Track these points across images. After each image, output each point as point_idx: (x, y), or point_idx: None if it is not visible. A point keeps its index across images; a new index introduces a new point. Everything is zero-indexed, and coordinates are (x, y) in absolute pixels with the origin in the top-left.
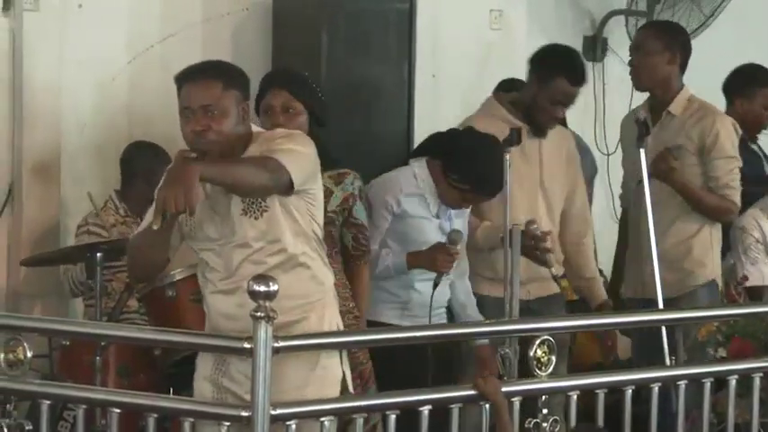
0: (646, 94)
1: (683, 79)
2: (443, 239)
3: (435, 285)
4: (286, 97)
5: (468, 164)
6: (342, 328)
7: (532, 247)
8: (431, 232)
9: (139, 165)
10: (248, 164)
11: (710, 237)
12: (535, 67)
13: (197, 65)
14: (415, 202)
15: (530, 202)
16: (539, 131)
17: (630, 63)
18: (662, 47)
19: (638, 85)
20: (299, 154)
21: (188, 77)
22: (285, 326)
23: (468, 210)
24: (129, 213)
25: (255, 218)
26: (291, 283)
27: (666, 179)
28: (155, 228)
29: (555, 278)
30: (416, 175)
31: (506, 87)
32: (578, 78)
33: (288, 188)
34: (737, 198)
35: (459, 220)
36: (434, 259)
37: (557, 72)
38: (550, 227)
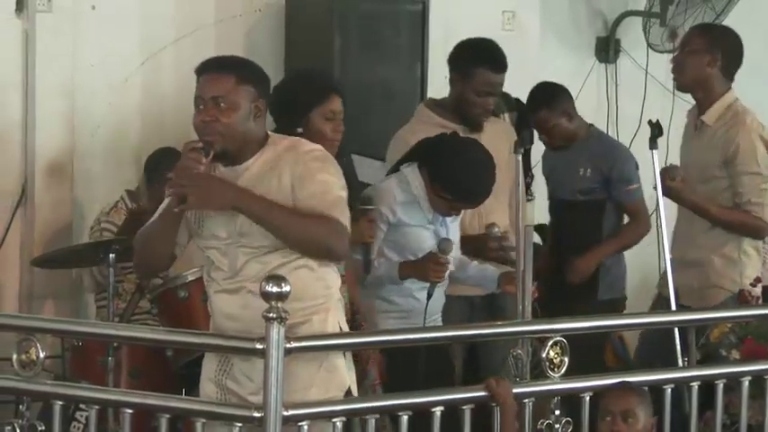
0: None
1: (729, 86)
2: None
3: (429, 296)
4: (340, 103)
5: (450, 174)
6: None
7: (498, 248)
8: (427, 240)
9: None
10: (310, 218)
11: (739, 248)
12: (455, 65)
13: (216, 57)
14: (410, 210)
15: None
16: (474, 127)
17: (672, 59)
18: (704, 47)
19: (678, 82)
20: (341, 198)
21: (204, 69)
22: (289, 328)
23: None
24: None
25: None
26: (296, 285)
27: (673, 199)
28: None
29: None
30: (410, 181)
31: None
32: (499, 65)
33: (342, 257)
34: (766, 214)
35: (454, 225)
36: (426, 269)
37: (476, 63)
38: (503, 220)
